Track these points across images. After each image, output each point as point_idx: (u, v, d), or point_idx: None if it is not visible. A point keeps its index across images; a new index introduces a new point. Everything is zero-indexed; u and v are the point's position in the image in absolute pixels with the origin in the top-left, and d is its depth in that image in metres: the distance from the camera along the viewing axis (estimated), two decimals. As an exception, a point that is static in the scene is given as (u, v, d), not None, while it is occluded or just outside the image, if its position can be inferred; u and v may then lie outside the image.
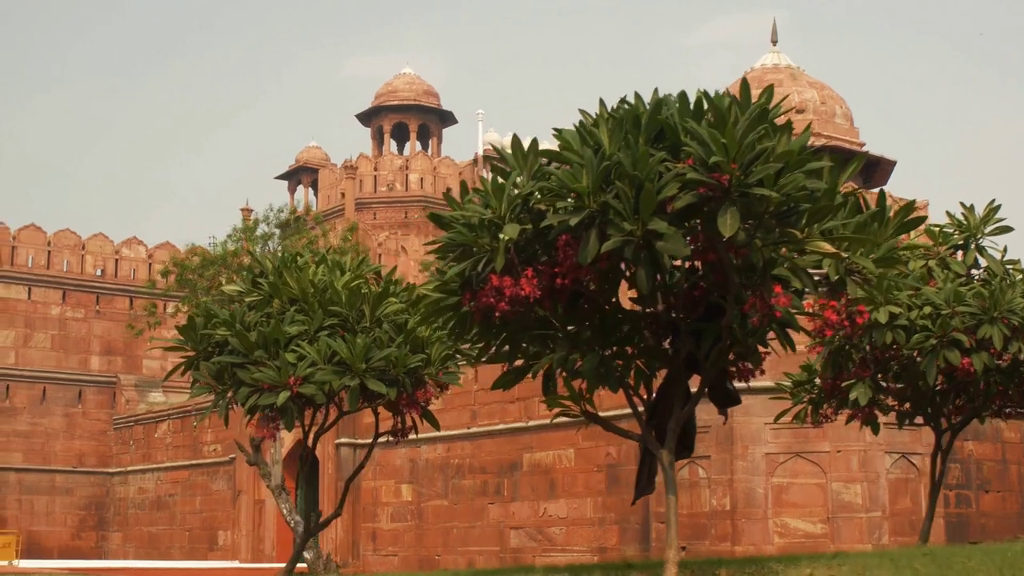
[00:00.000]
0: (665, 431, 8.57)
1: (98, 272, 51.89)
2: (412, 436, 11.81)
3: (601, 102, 6.99)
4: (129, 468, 50.03)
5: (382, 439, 12.49)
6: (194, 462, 46.17)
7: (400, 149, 55.23)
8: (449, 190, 52.67)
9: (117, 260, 52.30)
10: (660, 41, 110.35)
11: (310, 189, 56.10)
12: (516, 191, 6.87)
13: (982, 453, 29.66)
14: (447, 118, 55.93)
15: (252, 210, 47.49)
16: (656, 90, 6.99)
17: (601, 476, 30.62)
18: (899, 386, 11.18)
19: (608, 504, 30.36)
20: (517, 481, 32.82)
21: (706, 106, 6.66)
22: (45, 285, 50.43)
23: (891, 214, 6.96)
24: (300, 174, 56.83)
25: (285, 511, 14.74)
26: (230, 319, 10.00)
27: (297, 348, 9.66)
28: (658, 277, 6.87)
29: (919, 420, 13.56)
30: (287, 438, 41.62)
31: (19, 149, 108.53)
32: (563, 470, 31.70)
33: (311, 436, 11.71)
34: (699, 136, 6.33)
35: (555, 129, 6.98)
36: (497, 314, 7.05)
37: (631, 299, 7.73)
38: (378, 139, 54.62)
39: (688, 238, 6.75)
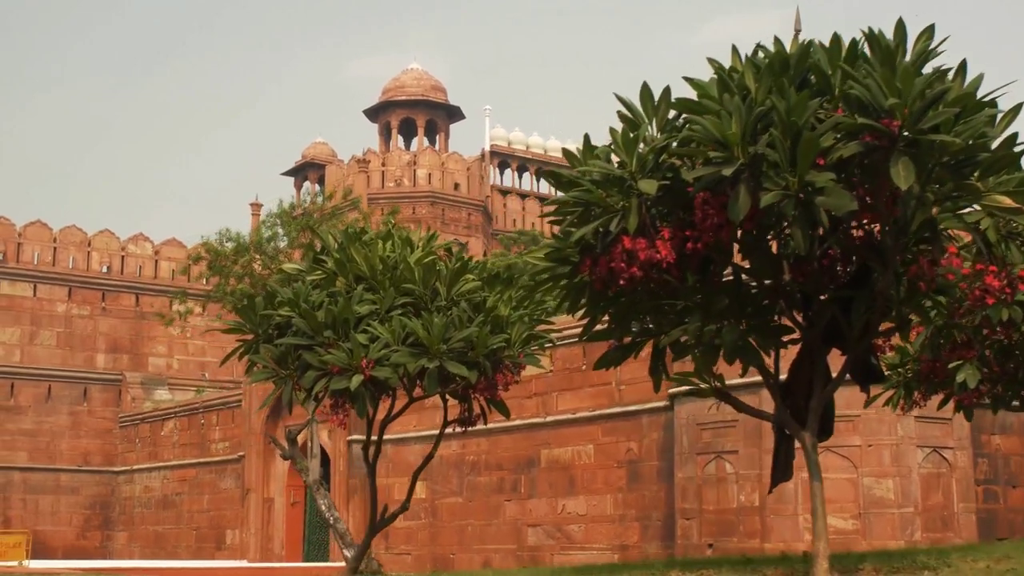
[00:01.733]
0: (799, 411, 7.92)
1: (104, 269, 51.39)
2: (480, 425, 11.30)
3: (734, 49, 6.48)
4: (135, 467, 49.54)
5: (442, 429, 11.94)
6: (201, 460, 45.70)
7: (407, 145, 54.78)
8: (457, 185, 52.28)
9: (123, 257, 51.79)
10: (660, 41, 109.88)
11: (317, 185, 55.61)
12: (647, 144, 6.31)
13: (1010, 447, 29.14)
14: (455, 113, 55.50)
15: (262, 204, 47.05)
16: (797, 33, 6.48)
17: (622, 472, 30.12)
18: (995, 369, 10.59)
19: (629, 501, 29.87)
20: (534, 478, 32.32)
21: (863, 49, 6.09)
22: (51, 282, 49.91)
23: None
24: (307, 170, 56.42)
25: (324, 507, 14.14)
26: (294, 297, 9.39)
27: (369, 328, 9.03)
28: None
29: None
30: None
31: (22, 148, 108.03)
32: (582, 466, 31.21)
33: (376, 425, 11.10)
34: (863, 79, 5.77)
35: (686, 77, 6.45)
36: (622, 282, 6.46)
37: (745, 270, 7.17)
38: (385, 135, 54.18)
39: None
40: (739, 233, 6.43)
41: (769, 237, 6.77)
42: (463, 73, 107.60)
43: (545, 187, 57.17)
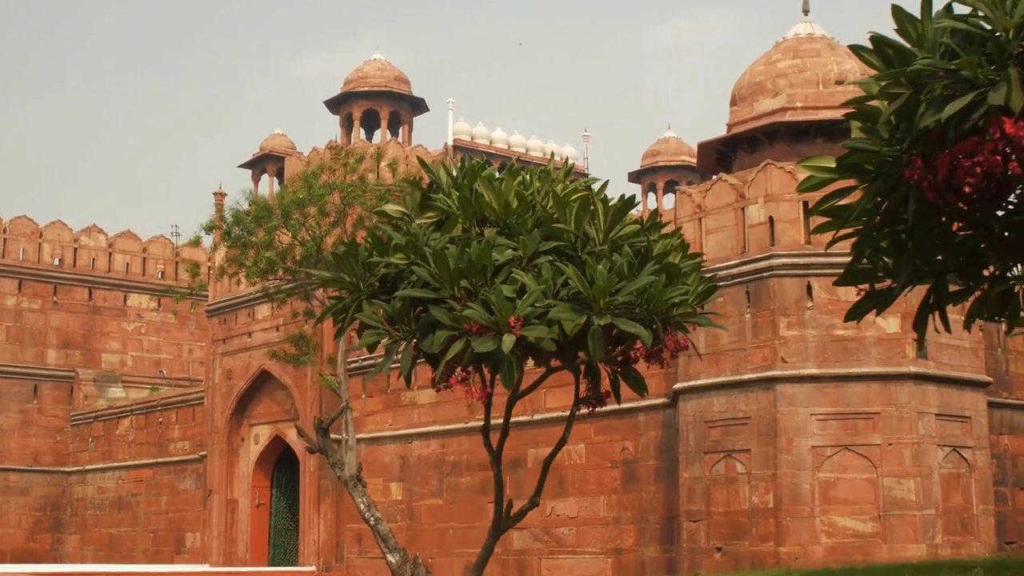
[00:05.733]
0: None
1: (56, 261, 49.39)
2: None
3: None
4: (88, 467, 47.64)
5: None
6: (159, 460, 43.94)
7: (369, 137, 53.18)
8: (422, 179, 50.75)
9: (76, 249, 49.81)
10: (624, 39, 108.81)
11: (275, 178, 53.92)
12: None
13: (1018, 448, 28.19)
14: (418, 106, 53.97)
15: (226, 194, 45.21)
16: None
17: (616, 473, 28.80)
18: None
19: (624, 502, 28.56)
20: (521, 479, 30.89)
21: None
22: (0, 274, 47.90)
23: None
24: (265, 162, 54.65)
25: (363, 506, 12.65)
26: (413, 240, 7.73)
27: (513, 279, 7.34)
28: None
29: None
30: (263, 433, 39.49)
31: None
32: (573, 467, 29.84)
33: (490, 403, 9.39)
34: None
35: None
36: (967, 188, 4.89)
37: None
38: (347, 126, 52.58)
39: None
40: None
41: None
42: (426, 66, 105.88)
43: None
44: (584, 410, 9.42)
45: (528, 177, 8.03)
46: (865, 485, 23.63)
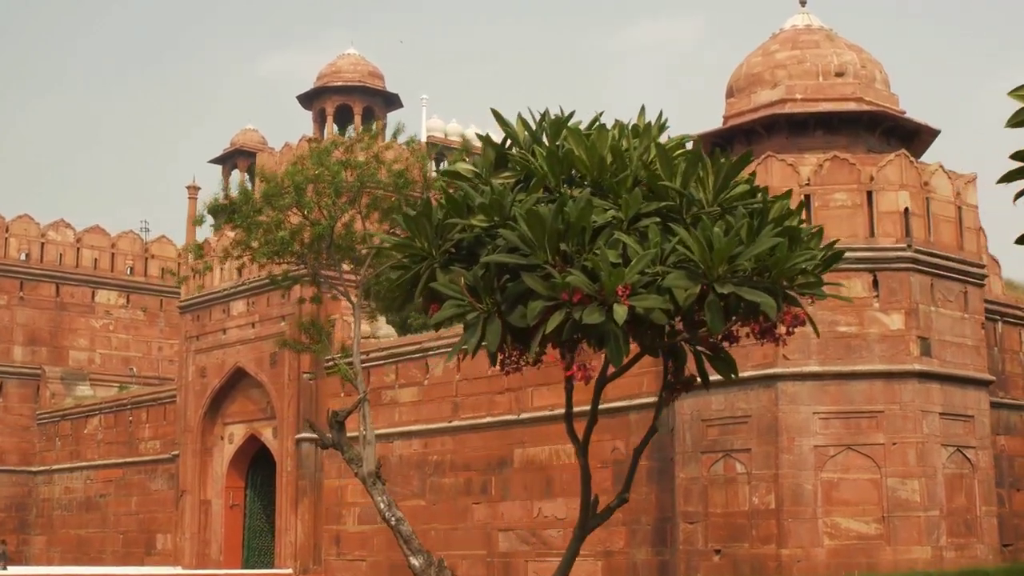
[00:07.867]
0: None
1: (23, 256, 48.30)
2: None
3: None
4: (54, 466, 46.60)
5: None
6: (129, 460, 42.98)
7: (342, 133, 52.32)
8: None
9: (43, 244, 48.74)
10: (598, 35, 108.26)
11: (246, 174, 53.04)
12: None
13: (1014, 448, 27.73)
14: (392, 101, 53.19)
15: (199, 187, 44.40)
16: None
17: (606, 473, 28.05)
18: None
19: (615, 503, 27.83)
20: (507, 479, 30.18)
21: None
22: (-35, 270, 46.89)
23: None
24: (236, 158, 53.83)
25: (383, 504, 11.91)
26: (498, 198, 6.83)
27: (620, 241, 6.48)
28: None
29: None
30: (237, 432, 38.59)
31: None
32: (560, 466, 29.11)
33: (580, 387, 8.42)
34: None
35: None
36: None
37: None
38: (320, 122, 51.79)
39: None
40: None
41: None
42: (399, 63, 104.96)
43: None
44: (669, 393, 8.60)
45: (616, 133, 7.23)
46: (868, 486, 23.04)
